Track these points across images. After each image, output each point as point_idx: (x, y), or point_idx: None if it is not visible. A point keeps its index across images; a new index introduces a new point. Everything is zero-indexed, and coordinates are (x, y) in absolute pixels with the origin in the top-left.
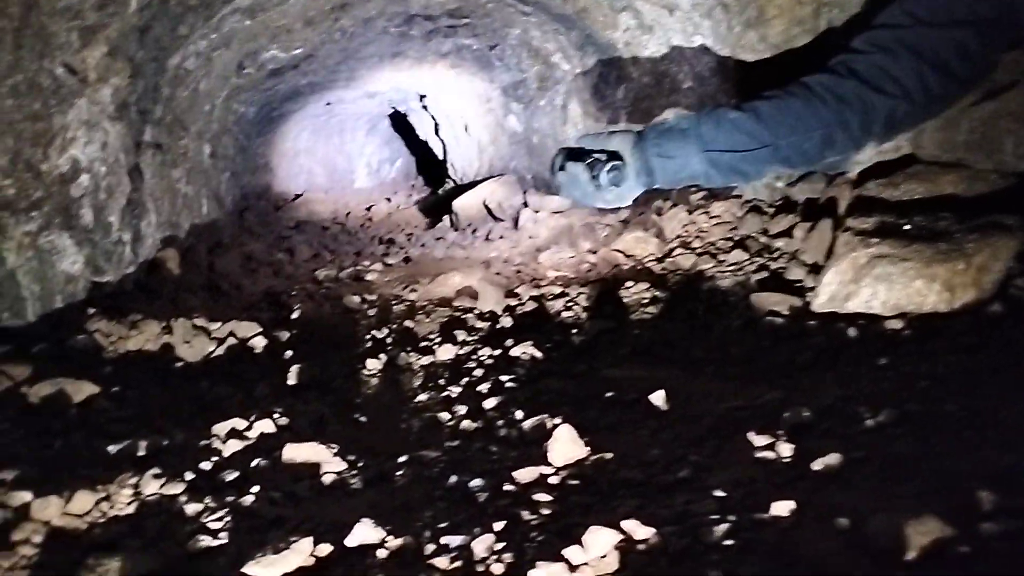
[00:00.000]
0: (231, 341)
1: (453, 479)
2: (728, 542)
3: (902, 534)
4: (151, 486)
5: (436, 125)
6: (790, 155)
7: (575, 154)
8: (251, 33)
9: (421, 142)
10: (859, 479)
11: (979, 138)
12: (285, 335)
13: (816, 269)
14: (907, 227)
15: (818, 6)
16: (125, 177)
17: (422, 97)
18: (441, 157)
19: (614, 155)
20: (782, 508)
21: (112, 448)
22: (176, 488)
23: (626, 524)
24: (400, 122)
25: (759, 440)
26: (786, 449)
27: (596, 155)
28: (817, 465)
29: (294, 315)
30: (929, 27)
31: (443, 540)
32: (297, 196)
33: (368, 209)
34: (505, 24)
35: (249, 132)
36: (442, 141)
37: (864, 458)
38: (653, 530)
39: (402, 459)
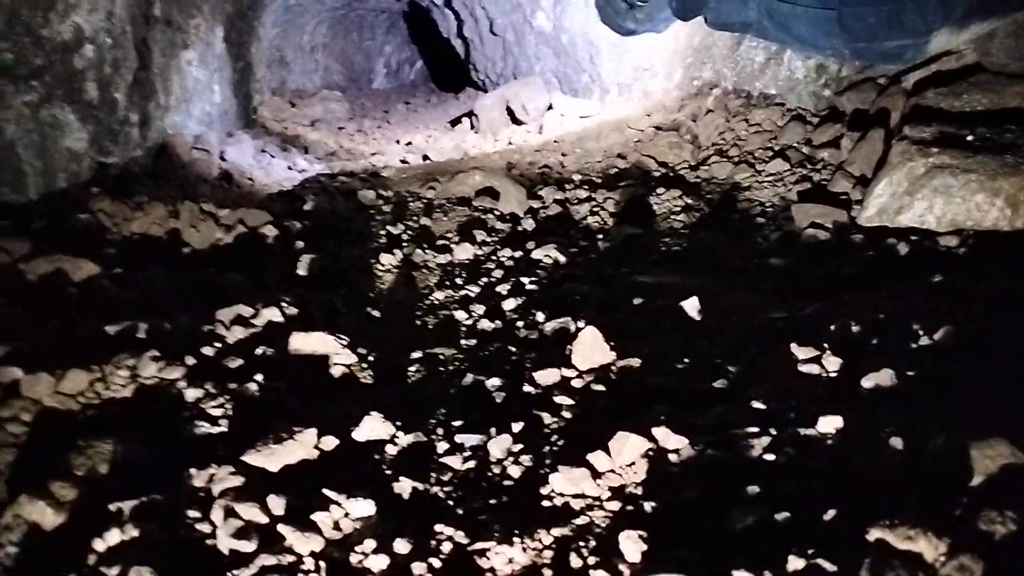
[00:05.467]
0: (240, 229)
1: (469, 378)
2: (769, 457)
3: (966, 458)
4: (149, 369)
5: (459, 24)
6: (853, 25)
7: None
8: None
9: (443, 41)
10: (914, 399)
11: None
12: (297, 226)
13: (864, 182)
14: (970, 138)
15: None
16: (132, 52)
17: None
18: (463, 58)
19: None
20: (829, 425)
21: (111, 329)
22: (175, 372)
23: (656, 432)
24: (421, 22)
25: (802, 352)
26: (833, 363)
27: None
28: (867, 382)
29: (307, 206)
30: None
31: (457, 439)
32: (313, 93)
33: (386, 111)
34: None
35: (265, 20)
36: (464, 41)
37: (920, 377)
38: (686, 440)
39: (415, 355)
